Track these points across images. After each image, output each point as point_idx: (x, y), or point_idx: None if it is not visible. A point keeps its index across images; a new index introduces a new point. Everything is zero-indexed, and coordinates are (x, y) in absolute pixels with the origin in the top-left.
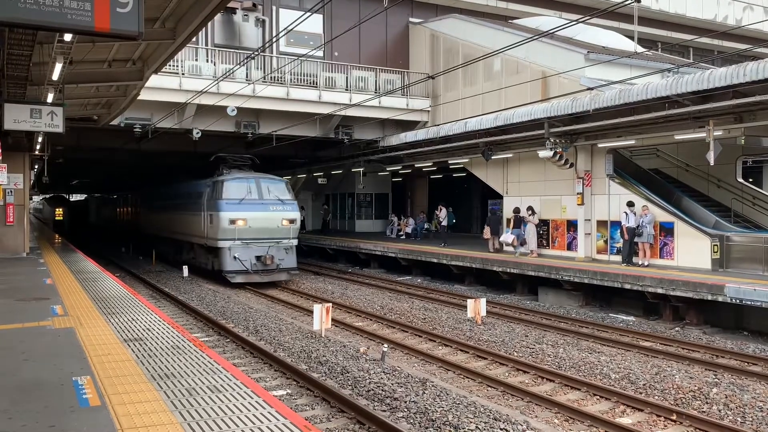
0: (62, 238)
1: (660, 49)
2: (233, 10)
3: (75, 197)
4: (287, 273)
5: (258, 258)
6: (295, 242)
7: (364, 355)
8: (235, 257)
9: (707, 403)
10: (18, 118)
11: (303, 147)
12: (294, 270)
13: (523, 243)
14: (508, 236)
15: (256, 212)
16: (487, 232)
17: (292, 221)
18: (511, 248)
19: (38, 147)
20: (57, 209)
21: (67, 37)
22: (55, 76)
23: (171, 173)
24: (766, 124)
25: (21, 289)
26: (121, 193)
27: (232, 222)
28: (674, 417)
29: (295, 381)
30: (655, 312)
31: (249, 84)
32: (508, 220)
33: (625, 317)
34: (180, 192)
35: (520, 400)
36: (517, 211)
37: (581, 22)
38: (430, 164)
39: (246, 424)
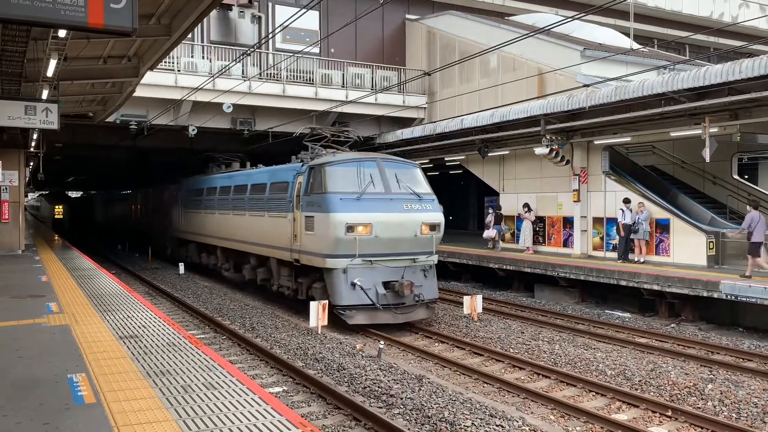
0: (62, 239)
1: (656, 46)
2: (229, 7)
3: (70, 195)
4: (426, 308)
5: (387, 285)
6: (435, 259)
7: (360, 352)
8: (353, 284)
9: (702, 399)
10: (12, 114)
11: (300, 144)
12: (434, 302)
13: (502, 239)
14: (491, 232)
15: (385, 213)
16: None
17: (434, 227)
18: (501, 243)
19: (33, 144)
20: (56, 207)
21: (61, 33)
22: (50, 73)
23: (176, 169)
24: (761, 121)
25: (16, 286)
26: (140, 188)
27: (350, 229)
28: (670, 413)
29: (291, 378)
30: (650, 308)
31: (245, 81)
32: (498, 217)
33: (621, 314)
34: (243, 183)
35: (516, 396)
36: (498, 208)
37: (577, 18)
38: (426, 161)
39: (242, 421)
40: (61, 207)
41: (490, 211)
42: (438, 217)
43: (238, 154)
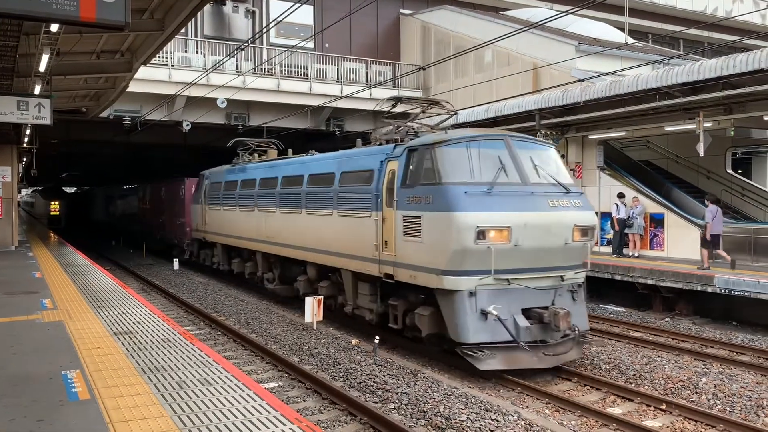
0: (56, 235)
1: (650, 41)
2: (223, 1)
3: (67, 191)
4: (577, 343)
5: (527, 313)
6: (584, 276)
7: (356, 347)
8: (485, 313)
9: (696, 392)
10: (4, 110)
11: (295, 139)
12: (585, 335)
13: None
14: None
15: (527, 212)
16: None
17: (586, 232)
18: None
19: (26, 139)
20: (52, 203)
21: (54, 27)
22: (42, 68)
23: (179, 163)
24: (755, 116)
25: (9, 282)
26: (149, 182)
27: (481, 234)
28: (664, 407)
29: (286, 373)
30: (645, 303)
31: (239, 76)
32: None
33: (615, 308)
34: (297, 174)
35: (512, 390)
36: None
37: (572, 13)
38: None
39: (237, 417)
40: (57, 203)
41: None
42: (592, 217)
43: (272, 141)
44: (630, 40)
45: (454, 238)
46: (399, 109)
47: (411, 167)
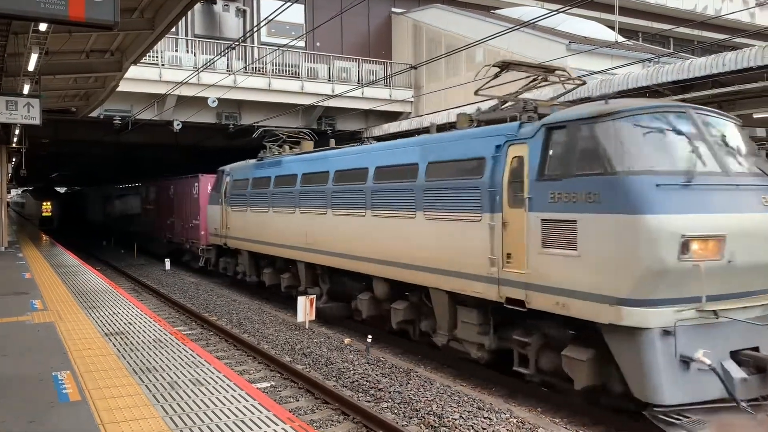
0: (48, 236)
1: (641, 39)
2: (213, 0)
3: (60, 190)
4: None
5: (737, 356)
6: None
7: (348, 346)
8: (686, 360)
9: None
10: None
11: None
12: None
13: None
14: None
15: (741, 214)
16: None
17: None
18: None
19: (15, 139)
20: (44, 203)
21: (42, 26)
22: (31, 67)
23: (169, 163)
24: (744, 114)
25: None
26: (153, 181)
27: (686, 247)
28: None
29: (279, 373)
30: None
31: (230, 75)
32: None
33: None
34: (359, 167)
35: (505, 388)
36: None
37: (562, 11)
38: None
39: (229, 417)
40: (49, 203)
41: None
42: None
43: (303, 131)
44: (620, 39)
45: (645, 252)
46: (499, 80)
47: (553, 152)
